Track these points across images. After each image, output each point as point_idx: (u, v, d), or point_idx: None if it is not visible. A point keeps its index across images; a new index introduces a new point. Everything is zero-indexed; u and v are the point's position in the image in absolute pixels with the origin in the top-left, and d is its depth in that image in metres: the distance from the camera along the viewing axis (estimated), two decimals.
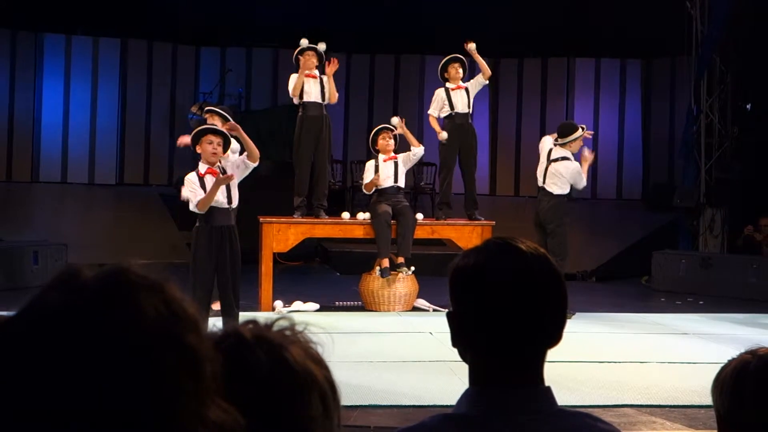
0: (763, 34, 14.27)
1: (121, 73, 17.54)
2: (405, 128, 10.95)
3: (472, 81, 11.37)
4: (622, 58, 18.34)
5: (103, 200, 16.37)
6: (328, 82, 10.82)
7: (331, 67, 10.80)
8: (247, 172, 8.10)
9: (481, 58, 11.25)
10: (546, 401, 1.72)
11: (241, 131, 8.03)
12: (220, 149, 7.84)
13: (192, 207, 7.84)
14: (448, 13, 16.40)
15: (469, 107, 11.28)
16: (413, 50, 17.88)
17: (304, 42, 10.97)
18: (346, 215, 11.00)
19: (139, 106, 17.66)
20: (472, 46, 11.15)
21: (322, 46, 10.95)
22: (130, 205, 16.01)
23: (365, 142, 17.32)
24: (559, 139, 10.72)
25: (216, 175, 7.82)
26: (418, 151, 10.93)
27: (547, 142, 10.95)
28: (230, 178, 7.82)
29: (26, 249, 12.10)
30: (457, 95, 11.17)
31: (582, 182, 10.74)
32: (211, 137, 7.83)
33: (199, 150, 7.91)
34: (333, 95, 10.89)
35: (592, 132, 11.48)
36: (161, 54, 17.85)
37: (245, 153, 8.11)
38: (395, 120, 11.06)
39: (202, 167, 7.89)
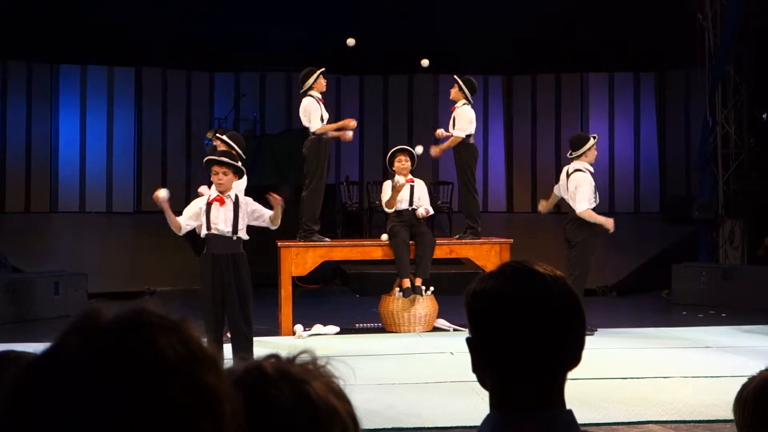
0: None
1: (136, 101, 17.64)
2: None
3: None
4: (636, 71, 18.32)
5: (122, 228, 16.42)
6: None
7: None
8: (257, 224, 8.07)
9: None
10: (568, 424, 1.71)
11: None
12: (226, 179, 7.87)
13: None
14: (460, 32, 16.44)
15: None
16: (426, 69, 17.89)
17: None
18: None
19: (155, 134, 17.75)
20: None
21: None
22: (148, 233, 16.03)
23: (381, 162, 17.38)
24: (572, 153, 10.64)
25: (223, 203, 7.87)
26: (425, 213, 11.00)
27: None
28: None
29: (46, 279, 12.15)
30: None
31: (579, 202, 10.24)
32: (216, 168, 7.88)
33: (212, 179, 8.02)
34: None
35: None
36: (175, 81, 17.95)
37: (267, 215, 8.05)
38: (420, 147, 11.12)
39: (213, 193, 7.97)
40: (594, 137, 10.70)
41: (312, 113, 10.64)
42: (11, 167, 16.77)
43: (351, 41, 11.21)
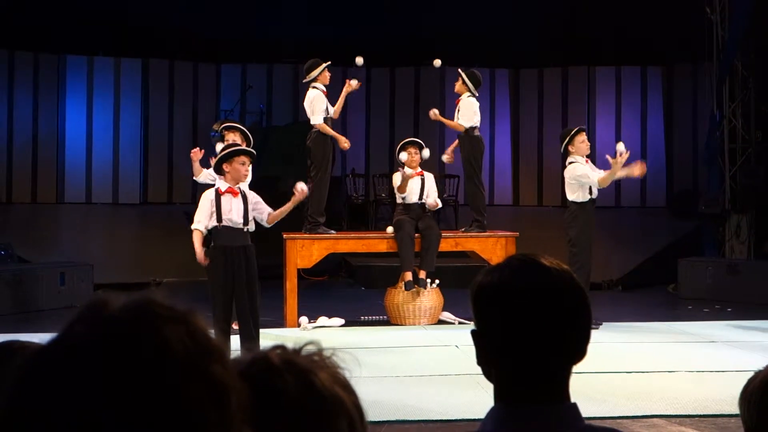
0: None
1: (143, 92, 17.64)
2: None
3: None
4: (643, 65, 18.27)
5: (128, 220, 16.44)
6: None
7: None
8: (254, 215, 8.05)
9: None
10: (572, 418, 1.71)
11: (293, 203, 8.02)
12: (249, 170, 7.91)
13: (194, 225, 7.90)
14: (468, 25, 16.40)
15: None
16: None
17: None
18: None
19: (162, 125, 17.75)
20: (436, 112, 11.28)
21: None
22: (154, 224, 16.08)
23: (387, 155, 17.39)
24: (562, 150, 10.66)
25: (236, 195, 7.84)
26: (433, 204, 10.97)
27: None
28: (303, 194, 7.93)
29: (52, 270, 12.17)
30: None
31: (588, 178, 10.27)
32: (244, 158, 7.85)
33: (227, 169, 7.87)
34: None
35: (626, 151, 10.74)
36: (182, 72, 17.95)
37: (267, 212, 8.07)
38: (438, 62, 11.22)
39: (223, 185, 7.90)
40: (576, 129, 10.60)
41: (317, 106, 10.64)
42: (18, 158, 16.80)
43: (359, 60, 11.27)
